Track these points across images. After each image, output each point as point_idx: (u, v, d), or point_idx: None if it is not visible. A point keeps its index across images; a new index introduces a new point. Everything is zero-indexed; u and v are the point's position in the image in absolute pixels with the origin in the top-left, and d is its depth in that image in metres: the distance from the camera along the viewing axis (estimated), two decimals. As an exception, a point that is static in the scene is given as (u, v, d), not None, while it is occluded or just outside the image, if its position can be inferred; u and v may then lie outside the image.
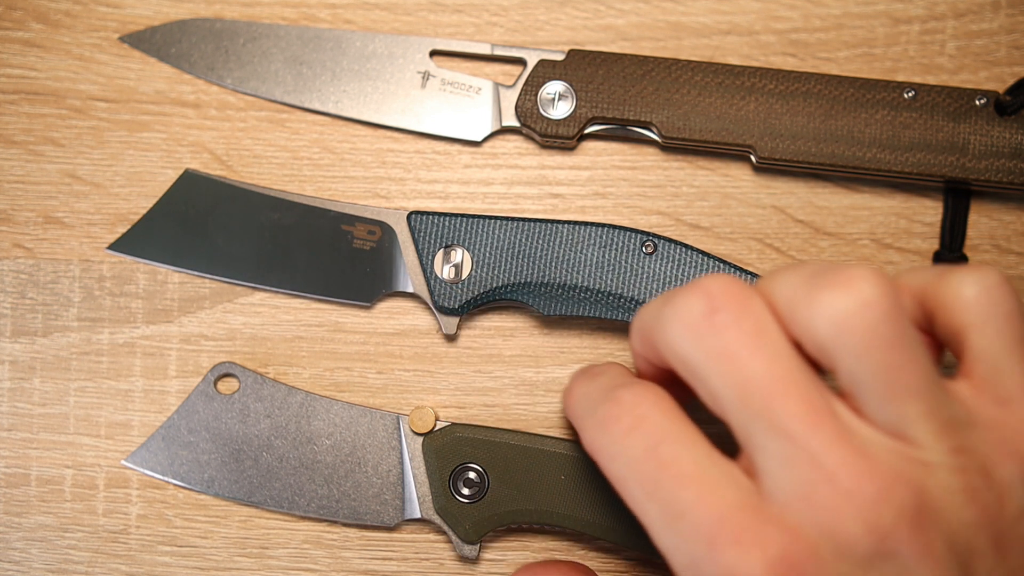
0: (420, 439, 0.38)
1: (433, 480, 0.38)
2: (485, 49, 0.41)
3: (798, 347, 0.27)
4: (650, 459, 0.27)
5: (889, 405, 0.26)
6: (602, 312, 0.38)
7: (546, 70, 0.40)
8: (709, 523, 0.25)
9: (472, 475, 0.38)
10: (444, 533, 0.39)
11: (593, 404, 0.30)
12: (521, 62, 0.41)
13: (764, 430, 0.26)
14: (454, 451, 0.38)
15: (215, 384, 0.39)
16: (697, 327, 0.27)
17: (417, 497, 0.38)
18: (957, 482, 0.26)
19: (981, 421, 0.27)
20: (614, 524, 0.37)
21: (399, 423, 0.39)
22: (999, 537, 0.26)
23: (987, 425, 0.27)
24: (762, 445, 0.26)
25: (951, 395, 0.27)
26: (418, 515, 0.38)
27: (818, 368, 0.27)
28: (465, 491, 0.38)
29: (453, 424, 0.38)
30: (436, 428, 0.38)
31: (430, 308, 0.39)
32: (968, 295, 0.28)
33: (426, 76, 0.41)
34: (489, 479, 0.38)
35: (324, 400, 0.39)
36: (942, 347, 0.31)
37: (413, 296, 0.40)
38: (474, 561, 0.39)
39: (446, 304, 0.39)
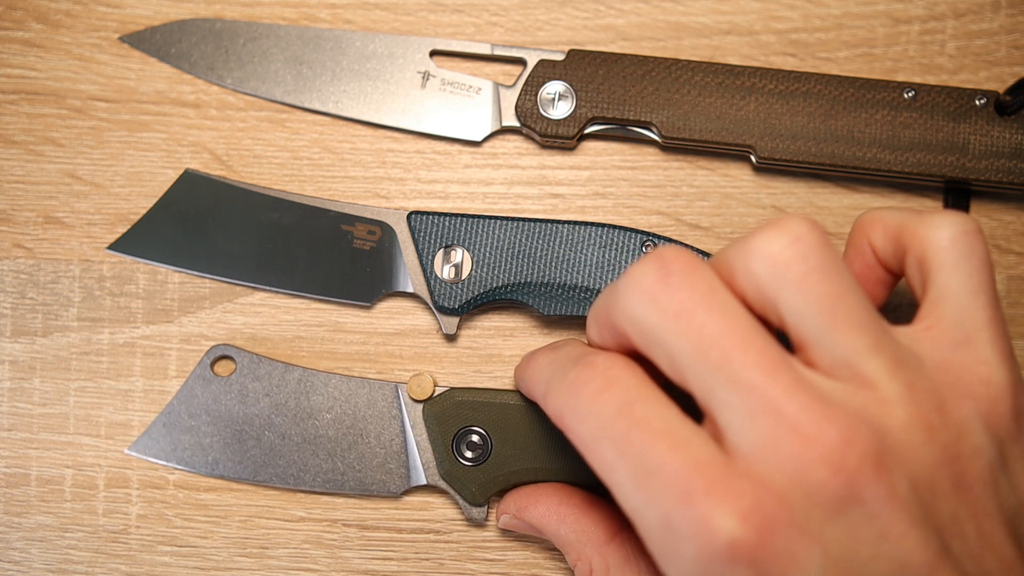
0: (420, 406, 0.38)
1: (436, 446, 0.38)
2: (485, 49, 0.41)
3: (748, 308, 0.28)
4: (622, 417, 0.27)
5: (836, 336, 0.27)
6: (602, 312, 0.38)
7: (546, 70, 0.40)
8: (682, 477, 0.25)
9: (475, 438, 0.38)
10: (451, 498, 0.39)
11: (562, 370, 0.30)
12: (521, 62, 0.41)
13: (724, 384, 0.26)
14: (454, 415, 0.38)
15: (212, 367, 0.39)
16: (652, 291, 0.27)
17: (422, 464, 0.38)
18: (915, 419, 0.26)
19: (933, 363, 0.28)
20: None
21: (398, 392, 0.39)
22: (959, 476, 0.27)
23: (940, 367, 0.28)
24: (724, 400, 0.26)
25: (895, 336, 0.28)
26: (424, 481, 0.38)
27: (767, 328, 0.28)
28: (468, 454, 0.38)
29: (452, 389, 0.38)
30: (435, 394, 0.38)
31: (430, 308, 0.39)
32: (945, 236, 0.29)
33: (426, 76, 0.41)
34: (492, 441, 0.38)
35: (322, 374, 0.39)
36: (891, 288, 0.32)
37: (413, 296, 0.40)
38: (482, 523, 0.39)
39: (446, 304, 0.39)
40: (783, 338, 0.28)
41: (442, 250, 0.39)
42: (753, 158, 0.40)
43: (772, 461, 0.25)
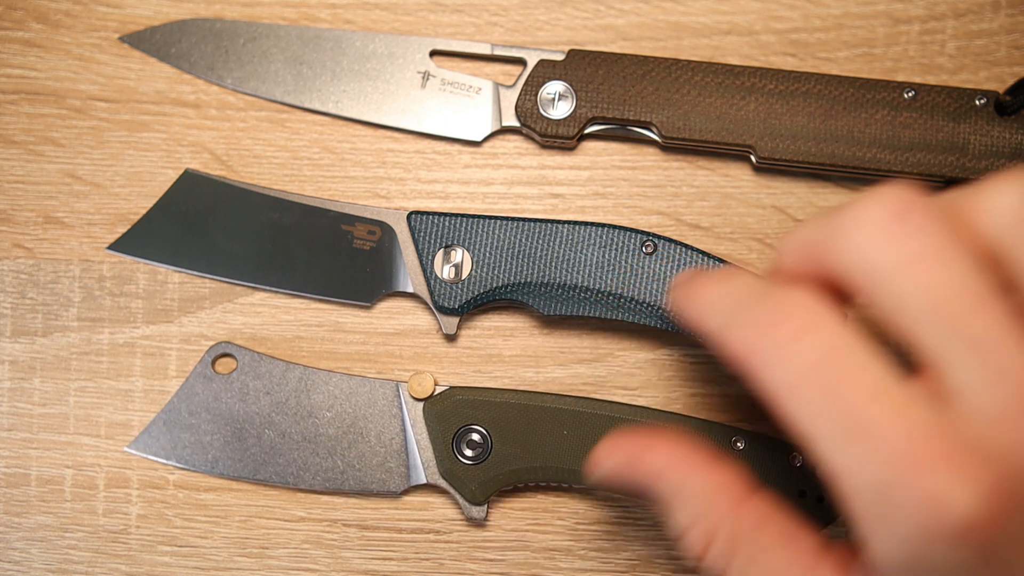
0: (420, 404, 0.38)
1: (436, 444, 0.38)
2: (485, 49, 0.41)
3: None
4: (825, 368, 0.24)
5: None
6: (602, 312, 0.38)
7: (546, 70, 0.40)
8: (908, 444, 0.23)
9: (475, 436, 0.38)
10: (451, 497, 0.39)
11: (742, 305, 0.27)
12: (521, 62, 0.41)
13: (963, 344, 0.24)
14: (455, 414, 0.38)
15: (213, 365, 0.39)
16: (886, 232, 0.25)
17: (422, 463, 0.38)
18: None
19: None
20: None
21: (398, 390, 0.39)
22: None
23: None
24: (959, 361, 0.24)
25: None
26: (424, 480, 0.38)
27: None
28: (469, 453, 0.38)
29: (452, 387, 0.39)
30: (436, 392, 0.38)
31: (430, 308, 0.39)
32: None
33: (426, 76, 0.41)
34: (492, 439, 0.38)
35: (322, 373, 0.39)
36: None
37: (413, 296, 0.40)
38: (482, 523, 0.39)
39: (446, 304, 0.39)
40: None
41: (442, 250, 0.39)
42: (753, 158, 0.40)
43: (1011, 435, 0.23)
